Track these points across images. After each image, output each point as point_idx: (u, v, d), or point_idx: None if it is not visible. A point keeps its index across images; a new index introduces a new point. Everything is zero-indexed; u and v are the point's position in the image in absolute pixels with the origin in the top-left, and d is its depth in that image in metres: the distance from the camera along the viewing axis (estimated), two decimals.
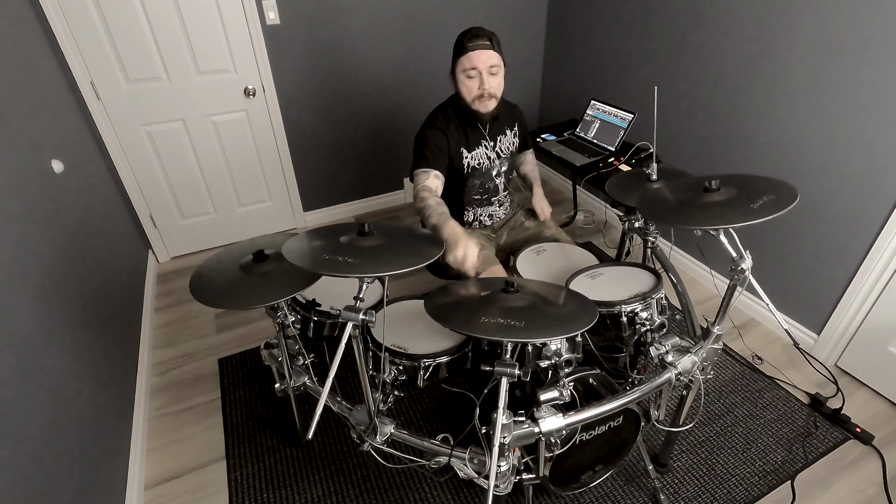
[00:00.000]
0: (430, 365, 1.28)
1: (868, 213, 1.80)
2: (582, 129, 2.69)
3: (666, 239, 2.69)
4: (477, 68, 1.54)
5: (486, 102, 1.60)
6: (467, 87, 1.59)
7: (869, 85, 1.69)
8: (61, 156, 1.85)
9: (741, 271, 1.15)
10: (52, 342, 1.38)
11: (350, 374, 2.05)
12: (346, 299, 1.48)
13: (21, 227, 1.38)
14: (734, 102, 2.16)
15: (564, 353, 1.17)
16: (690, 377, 1.28)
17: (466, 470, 1.11)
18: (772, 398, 1.93)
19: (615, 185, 1.69)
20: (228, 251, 1.34)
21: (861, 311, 1.92)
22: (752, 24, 2.00)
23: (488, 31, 1.55)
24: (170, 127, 2.52)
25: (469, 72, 1.56)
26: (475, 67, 1.54)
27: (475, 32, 1.54)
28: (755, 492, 1.61)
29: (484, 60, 1.53)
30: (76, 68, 2.22)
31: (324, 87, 2.76)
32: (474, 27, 1.56)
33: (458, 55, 1.57)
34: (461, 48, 1.55)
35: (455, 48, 1.59)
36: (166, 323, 2.41)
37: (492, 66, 1.55)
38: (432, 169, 1.60)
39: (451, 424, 1.84)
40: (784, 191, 1.12)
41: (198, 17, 2.33)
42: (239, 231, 3.00)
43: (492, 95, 1.59)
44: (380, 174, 3.24)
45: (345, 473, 1.69)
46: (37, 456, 1.16)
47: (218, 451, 1.79)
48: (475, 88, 1.58)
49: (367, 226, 1.13)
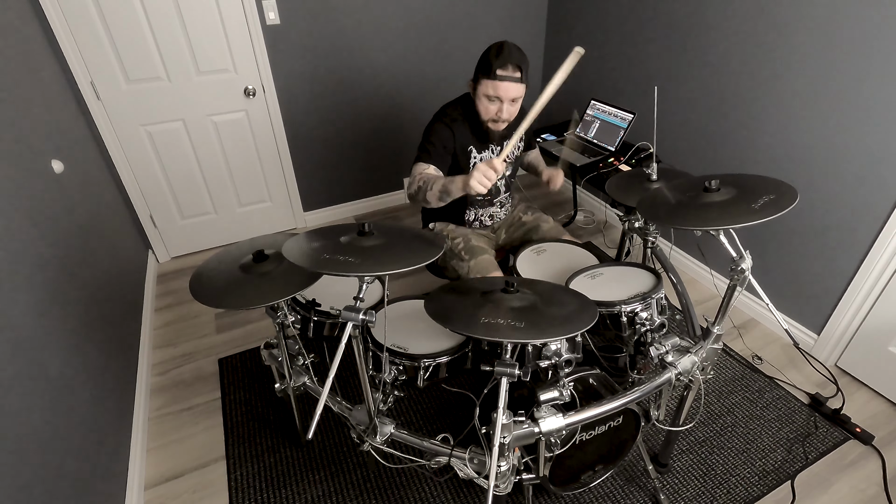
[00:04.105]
0: (430, 365, 1.28)
1: (868, 213, 1.80)
2: (582, 129, 2.69)
3: (666, 239, 2.69)
4: (500, 97, 1.53)
5: (499, 125, 1.61)
6: (485, 108, 1.57)
7: (869, 85, 1.69)
8: (61, 156, 1.85)
9: (741, 271, 1.15)
10: (52, 342, 1.38)
11: (350, 374, 2.05)
12: (346, 299, 1.48)
13: (21, 227, 1.38)
14: (734, 102, 2.16)
15: (564, 353, 1.17)
16: (690, 377, 1.29)
17: (466, 470, 1.11)
18: (772, 398, 1.93)
19: (615, 185, 1.69)
20: (228, 251, 1.34)
21: (861, 311, 1.92)
22: (752, 24, 2.00)
23: (520, 54, 1.48)
24: (170, 127, 2.52)
25: (491, 97, 1.54)
26: (499, 97, 1.52)
27: (507, 57, 1.46)
28: (755, 492, 1.61)
29: (510, 93, 1.51)
30: (76, 68, 2.22)
31: (324, 87, 2.76)
32: (507, 46, 1.47)
33: (485, 75, 1.50)
34: (490, 70, 1.48)
35: (483, 64, 1.51)
36: (166, 323, 2.41)
37: (515, 98, 1.54)
38: (432, 164, 1.61)
39: (451, 424, 1.84)
40: (784, 191, 1.12)
41: (198, 17, 2.33)
42: (239, 231, 3.00)
43: (506, 121, 1.60)
44: (380, 174, 3.24)
45: (345, 473, 1.69)
46: (37, 456, 1.16)
47: (218, 451, 1.79)
48: (493, 112, 1.57)
49: (367, 226, 1.13)
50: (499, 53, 1.47)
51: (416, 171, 1.60)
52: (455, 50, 2.96)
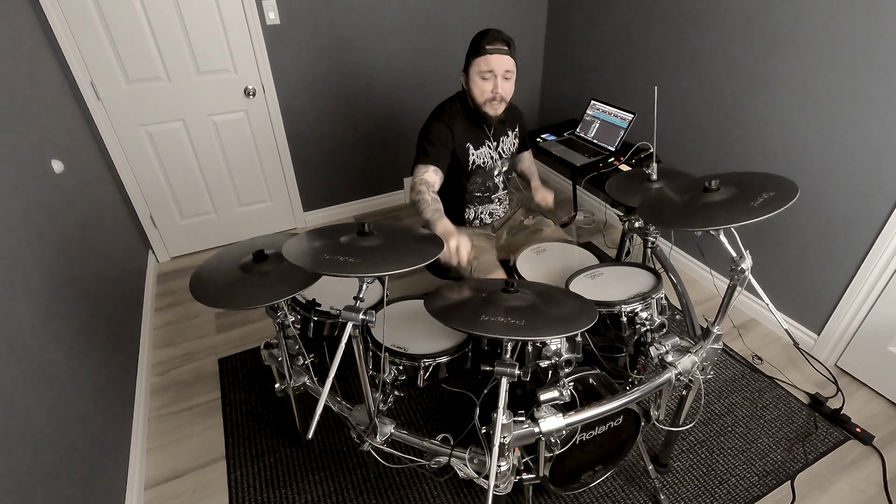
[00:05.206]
0: (430, 365, 1.28)
1: (868, 212, 1.80)
2: (582, 129, 2.69)
3: (666, 239, 2.69)
4: (493, 71, 1.55)
5: (497, 105, 1.62)
6: (480, 89, 1.60)
7: (869, 85, 1.69)
8: (61, 156, 1.85)
9: (741, 271, 1.15)
10: (52, 342, 1.38)
11: (350, 374, 2.05)
12: (346, 299, 1.48)
13: (21, 228, 1.38)
14: (734, 102, 2.16)
15: (564, 353, 1.17)
16: (690, 377, 1.28)
17: (466, 470, 1.11)
18: (772, 398, 1.93)
19: (615, 185, 1.69)
20: (228, 251, 1.34)
21: (861, 311, 1.92)
22: (752, 24, 2.00)
23: (506, 35, 1.56)
24: (170, 127, 2.52)
25: (485, 73, 1.56)
26: (492, 70, 1.55)
27: (494, 35, 1.54)
28: (755, 492, 1.61)
29: (502, 65, 1.54)
30: (76, 68, 2.22)
31: (324, 86, 2.76)
32: (493, 29, 1.56)
33: (474, 55, 1.57)
34: (479, 49, 1.54)
35: (472, 48, 1.58)
36: (166, 323, 2.41)
37: (507, 71, 1.56)
38: (432, 165, 1.61)
39: (451, 424, 1.84)
40: (783, 187, 1.12)
41: (198, 17, 2.33)
42: (239, 231, 2.99)
43: (503, 99, 1.61)
44: (380, 174, 3.24)
45: (345, 473, 1.69)
46: (37, 456, 1.16)
47: (218, 451, 1.79)
48: (488, 91, 1.59)
49: (367, 226, 1.13)
50: (485, 34, 1.55)
51: (417, 175, 1.61)
52: (455, 50, 2.96)
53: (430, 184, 1.58)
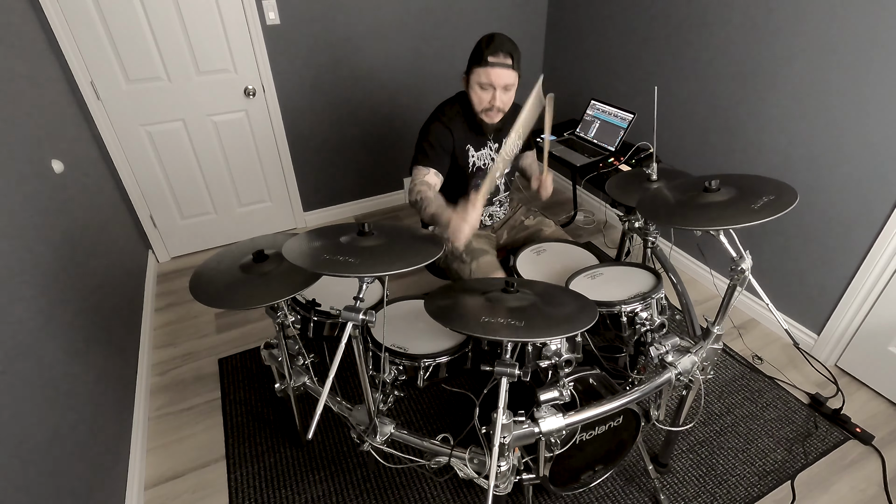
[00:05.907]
0: (430, 365, 1.28)
1: (868, 213, 1.80)
2: (582, 129, 2.69)
3: (666, 239, 2.69)
4: (493, 84, 1.53)
5: (493, 115, 1.61)
6: (478, 97, 1.59)
7: (869, 85, 1.69)
8: (61, 156, 1.85)
9: (741, 271, 1.15)
10: (51, 342, 1.38)
11: (350, 374, 2.05)
12: (346, 299, 1.48)
13: (21, 228, 1.38)
14: (734, 102, 2.16)
15: (564, 353, 1.17)
16: (690, 377, 1.28)
17: (466, 470, 1.11)
18: (772, 398, 1.93)
19: (615, 185, 1.69)
20: (228, 251, 1.34)
21: (861, 311, 1.92)
22: (752, 24, 2.00)
23: (511, 44, 1.51)
24: (170, 127, 2.52)
25: (484, 84, 1.55)
26: (491, 83, 1.53)
27: (498, 45, 1.49)
28: (755, 492, 1.61)
29: (502, 79, 1.52)
30: (76, 68, 2.22)
31: (324, 87, 2.76)
32: (497, 36, 1.51)
33: (477, 63, 1.53)
34: (481, 58, 1.50)
35: (475, 54, 1.54)
36: (166, 323, 2.41)
37: (507, 84, 1.55)
38: (432, 168, 1.61)
39: (451, 424, 1.84)
40: (784, 191, 1.12)
41: (198, 17, 2.33)
42: (239, 231, 3.00)
43: (500, 110, 1.60)
44: (380, 174, 3.24)
45: (345, 473, 1.69)
46: (37, 456, 1.16)
47: (218, 451, 1.79)
48: (486, 101, 1.58)
49: (367, 226, 1.13)
50: (490, 43, 1.51)
51: (416, 176, 1.61)
52: (455, 50, 2.96)
53: (429, 185, 1.58)
